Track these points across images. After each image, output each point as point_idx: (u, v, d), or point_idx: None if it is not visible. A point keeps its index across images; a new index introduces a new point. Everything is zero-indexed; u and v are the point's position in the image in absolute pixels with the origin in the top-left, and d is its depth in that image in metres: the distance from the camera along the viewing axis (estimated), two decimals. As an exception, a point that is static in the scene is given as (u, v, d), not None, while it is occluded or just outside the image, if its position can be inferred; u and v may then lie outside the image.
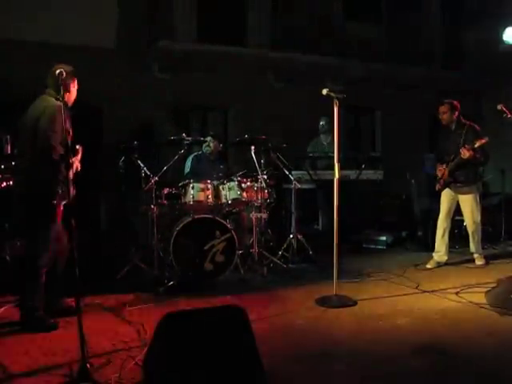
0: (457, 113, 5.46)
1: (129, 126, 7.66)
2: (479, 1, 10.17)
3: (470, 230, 5.59)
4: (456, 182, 5.47)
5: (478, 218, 5.52)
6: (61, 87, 3.27)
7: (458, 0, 10.58)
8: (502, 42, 6.48)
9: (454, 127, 5.49)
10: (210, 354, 2.46)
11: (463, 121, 5.49)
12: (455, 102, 5.48)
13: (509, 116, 4.91)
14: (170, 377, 2.39)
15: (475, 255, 5.66)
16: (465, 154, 5.22)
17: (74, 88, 3.84)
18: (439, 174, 5.59)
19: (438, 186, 5.62)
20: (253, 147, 5.54)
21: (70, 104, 3.83)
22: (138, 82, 7.94)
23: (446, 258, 5.62)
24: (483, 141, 5.15)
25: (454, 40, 10.69)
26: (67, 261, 3.80)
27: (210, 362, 2.43)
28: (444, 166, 5.52)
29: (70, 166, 3.43)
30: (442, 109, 5.49)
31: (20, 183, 3.77)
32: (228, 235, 4.96)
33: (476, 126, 5.45)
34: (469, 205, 5.48)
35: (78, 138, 3.84)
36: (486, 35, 9.11)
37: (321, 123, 7.30)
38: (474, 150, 5.18)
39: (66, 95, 3.70)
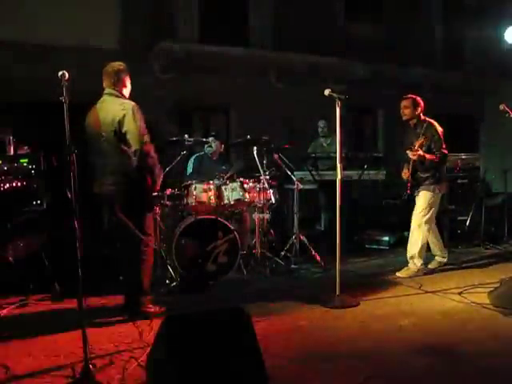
0: (419, 109, 5.13)
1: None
2: (479, 0, 10.17)
3: (412, 225, 5.20)
4: (418, 184, 5.16)
5: (424, 218, 5.10)
6: (117, 83, 3.75)
7: (458, 0, 10.58)
8: (503, 41, 6.46)
9: (414, 125, 5.21)
10: (212, 354, 2.46)
11: (423, 118, 5.19)
12: (418, 98, 5.16)
13: (511, 115, 4.86)
14: (172, 378, 2.39)
15: (408, 256, 5.20)
16: (412, 155, 4.98)
17: (129, 83, 4.02)
18: (404, 176, 5.25)
19: (407, 192, 5.23)
20: (255, 148, 5.54)
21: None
22: (139, 83, 7.83)
23: (446, 258, 5.47)
24: (422, 141, 4.93)
25: (455, 40, 10.68)
26: (69, 261, 3.80)
27: (212, 363, 2.43)
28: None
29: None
30: (404, 103, 5.15)
31: (112, 183, 3.79)
32: (230, 236, 4.96)
33: (434, 123, 5.15)
34: (420, 200, 5.13)
35: (81, 140, 3.84)
36: (487, 35, 9.10)
37: (320, 126, 7.28)
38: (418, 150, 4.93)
39: (125, 91, 3.79)
